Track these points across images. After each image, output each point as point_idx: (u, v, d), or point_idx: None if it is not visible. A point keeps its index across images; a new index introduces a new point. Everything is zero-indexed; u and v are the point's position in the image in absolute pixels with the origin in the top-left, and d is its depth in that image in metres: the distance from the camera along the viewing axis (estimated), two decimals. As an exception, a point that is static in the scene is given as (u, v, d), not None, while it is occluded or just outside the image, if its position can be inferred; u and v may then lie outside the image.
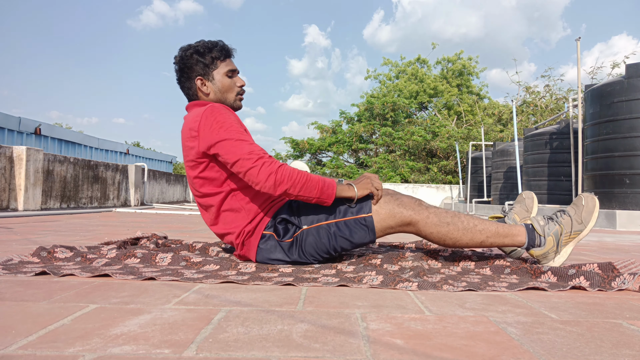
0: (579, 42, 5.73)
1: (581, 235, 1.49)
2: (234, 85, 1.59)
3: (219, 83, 1.57)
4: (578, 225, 1.49)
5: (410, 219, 1.47)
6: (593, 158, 5.09)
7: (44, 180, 5.50)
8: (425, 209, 1.48)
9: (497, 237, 1.48)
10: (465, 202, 10.43)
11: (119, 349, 0.72)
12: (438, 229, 1.46)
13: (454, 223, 1.47)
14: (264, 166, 1.38)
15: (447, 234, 1.46)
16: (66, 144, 11.60)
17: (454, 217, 1.48)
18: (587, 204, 1.51)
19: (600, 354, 0.74)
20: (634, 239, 3.25)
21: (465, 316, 0.95)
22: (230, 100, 1.59)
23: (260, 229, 1.51)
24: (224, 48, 1.58)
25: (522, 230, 1.49)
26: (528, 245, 1.49)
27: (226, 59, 1.59)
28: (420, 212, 1.47)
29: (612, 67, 14.19)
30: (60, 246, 1.63)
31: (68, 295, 1.07)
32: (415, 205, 1.49)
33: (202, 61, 1.54)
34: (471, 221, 1.48)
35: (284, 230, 1.52)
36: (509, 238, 1.48)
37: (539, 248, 1.48)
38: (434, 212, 1.48)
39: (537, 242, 1.48)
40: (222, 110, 1.46)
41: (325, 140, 17.75)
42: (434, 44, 22.41)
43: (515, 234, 1.49)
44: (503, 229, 1.49)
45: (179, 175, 10.77)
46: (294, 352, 0.72)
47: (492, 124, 16.77)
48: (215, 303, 1.02)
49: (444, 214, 1.48)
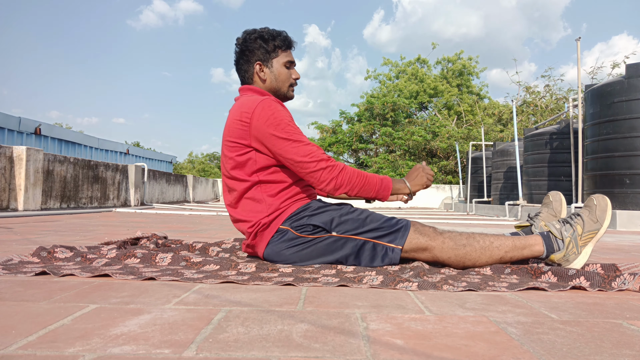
0: (579, 42, 5.73)
1: (599, 234, 1.49)
2: (290, 77, 1.64)
3: (277, 71, 1.60)
4: (594, 225, 1.49)
5: (427, 245, 1.47)
6: (593, 158, 5.09)
7: (44, 180, 5.50)
8: (440, 234, 1.49)
9: (516, 251, 1.48)
10: (465, 202, 10.43)
11: (119, 349, 0.72)
12: (455, 253, 1.47)
13: (470, 244, 1.47)
14: (326, 171, 1.47)
15: (465, 256, 1.47)
16: (66, 144, 11.60)
17: (469, 238, 1.48)
18: (599, 204, 1.52)
19: (601, 354, 0.74)
20: (634, 239, 3.25)
21: (466, 316, 0.95)
22: (284, 90, 1.63)
23: (277, 224, 1.52)
24: (286, 39, 1.62)
25: (538, 239, 1.49)
26: (547, 252, 1.48)
27: (287, 50, 1.63)
28: (435, 238, 1.48)
29: (612, 67, 14.20)
30: (60, 246, 1.63)
31: (68, 295, 1.07)
32: (431, 231, 1.50)
33: (265, 47, 1.58)
34: (487, 239, 1.48)
35: (307, 228, 1.50)
36: (527, 249, 1.48)
37: (558, 252, 1.47)
38: (449, 236, 1.48)
39: (556, 247, 1.48)
40: (278, 107, 1.50)
41: (325, 140, 17.75)
42: (434, 44, 22.41)
43: (533, 244, 1.48)
44: (520, 242, 1.49)
45: (179, 175, 10.77)
46: (294, 352, 0.72)
47: (492, 124, 16.77)
48: (215, 303, 1.02)
49: (458, 237, 1.49)
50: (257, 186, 1.52)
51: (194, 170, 28.49)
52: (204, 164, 30.12)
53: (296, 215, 1.52)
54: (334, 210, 1.55)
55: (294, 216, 1.52)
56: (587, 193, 5.25)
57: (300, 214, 1.52)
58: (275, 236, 1.51)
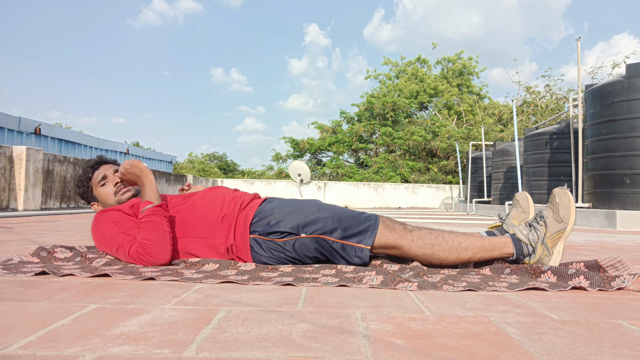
0: (579, 42, 5.73)
1: (566, 233, 1.48)
2: (110, 190, 1.71)
3: (100, 198, 1.72)
4: (559, 225, 1.48)
5: (395, 243, 1.49)
6: (593, 158, 5.09)
7: (44, 180, 5.50)
8: (409, 232, 1.49)
9: (484, 252, 1.48)
10: (465, 202, 10.43)
11: (119, 349, 0.72)
12: (423, 252, 1.48)
13: (438, 244, 1.48)
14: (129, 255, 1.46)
15: (433, 255, 1.48)
16: (66, 143, 11.59)
17: (437, 238, 1.49)
18: (561, 201, 1.50)
19: (601, 354, 0.74)
20: (634, 239, 3.25)
21: (465, 316, 0.95)
22: (112, 202, 1.70)
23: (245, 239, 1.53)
24: (88, 167, 1.76)
25: (508, 241, 1.49)
26: (517, 255, 1.48)
27: (93, 174, 1.73)
28: (404, 237, 1.48)
29: (613, 67, 14.21)
30: (60, 246, 1.62)
31: (68, 295, 1.07)
32: (400, 229, 1.50)
33: (84, 195, 1.76)
34: (456, 239, 1.49)
35: (276, 235, 1.51)
36: (497, 251, 1.49)
37: (531, 257, 1.48)
38: (418, 235, 1.49)
39: (526, 250, 1.48)
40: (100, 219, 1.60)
41: (325, 140, 17.76)
42: (434, 43, 22.42)
43: (502, 246, 1.49)
44: (489, 243, 1.49)
45: (179, 175, 10.77)
46: (294, 352, 0.72)
47: (493, 124, 16.77)
48: (215, 303, 1.02)
49: (427, 236, 1.49)
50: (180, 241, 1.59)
51: (193, 170, 28.49)
52: (203, 164, 30.12)
53: (256, 223, 1.54)
54: (299, 212, 1.54)
55: (255, 224, 1.53)
56: (587, 193, 5.25)
57: (261, 222, 1.53)
58: (252, 249, 1.52)
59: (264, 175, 20.02)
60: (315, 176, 17.17)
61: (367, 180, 15.29)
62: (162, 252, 1.44)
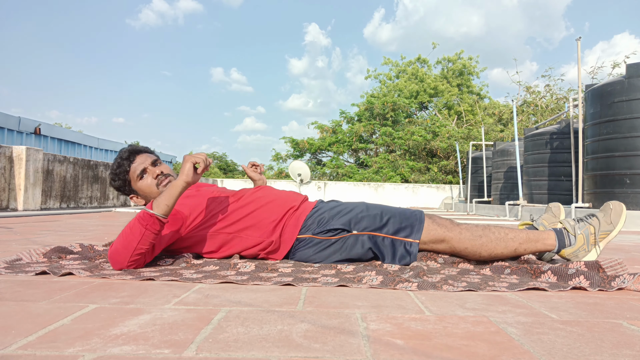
0: (579, 42, 5.73)
1: (610, 236, 1.53)
2: (151, 182, 1.67)
3: (140, 191, 1.68)
4: (607, 226, 1.54)
5: (444, 236, 1.53)
6: (593, 158, 5.09)
7: (44, 180, 5.50)
8: (457, 226, 1.55)
9: (529, 243, 1.53)
10: (466, 202, 10.43)
11: (119, 349, 0.72)
12: (472, 243, 1.52)
13: (486, 235, 1.52)
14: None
15: (482, 247, 1.52)
16: (66, 143, 11.59)
17: (485, 230, 1.54)
18: (615, 208, 1.57)
19: (601, 354, 0.74)
20: (634, 239, 3.25)
21: (466, 316, 0.95)
22: (155, 194, 1.66)
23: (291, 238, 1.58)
24: (122, 159, 1.67)
25: (551, 234, 1.55)
26: (559, 247, 1.53)
27: (130, 166, 1.67)
28: (452, 229, 1.54)
29: (613, 67, 14.20)
30: (71, 253, 1.61)
31: (68, 295, 1.07)
32: (448, 222, 1.56)
33: (120, 188, 1.70)
34: (502, 231, 1.54)
35: (329, 233, 1.56)
36: (540, 242, 1.53)
37: (569, 247, 1.53)
38: (466, 228, 1.54)
39: (567, 242, 1.53)
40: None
41: (325, 140, 17.75)
42: (435, 43, 22.40)
43: (546, 238, 1.54)
44: (533, 235, 1.54)
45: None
46: (294, 352, 0.72)
47: (493, 124, 16.77)
48: (215, 303, 1.02)
49: (474, 228, 1.54)
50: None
51: (194, 170, 28.44)
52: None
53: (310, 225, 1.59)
54: (350, 211, 1.60)
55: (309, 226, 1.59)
56: (587, 193, 5.25)
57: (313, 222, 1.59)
58: (297, 245, 1.58)
59: (264, 175, 20.00)
60: (315, 176, 17.17)
61: (367, 180, 15.29)
62: (112, 260, 1.34)
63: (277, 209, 1.60)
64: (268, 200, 1.63)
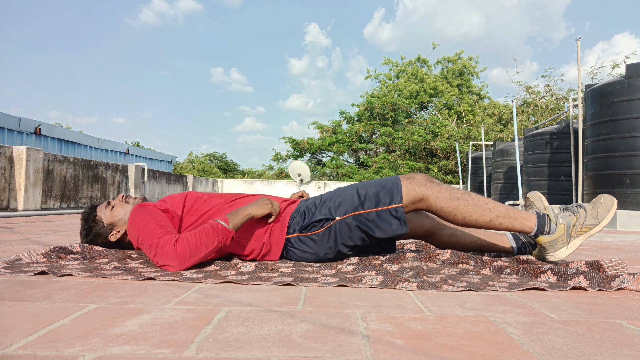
0: (579, 42, 5.73)
1: (593, 231, 1.48)
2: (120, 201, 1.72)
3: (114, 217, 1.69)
4: (592, 220, 1.48)
5: (423, 195, 1.51)
6: (593, 158, 5.09)
7: (44, 180, 5.50)
8: (437, 185, 1.53)
9: (506, 218, 1.49)
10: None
11: (119, 348, 0.72)
12: (449, 203, 1.49)
13: (464, 199, 1.50)
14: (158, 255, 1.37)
15: (457, 209, 1.49)
16: (66, 143, 11.59)
17: (464, 194, 1.52)
18: (605, 202, 1.51)
19: (600, 354, 0.74)
20: (634, 239, 3.25)
21: (465, 316, 0.95)
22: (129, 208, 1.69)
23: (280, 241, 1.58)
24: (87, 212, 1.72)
25: (532, 216, 1.50)
26: (537, 231, 1.48)
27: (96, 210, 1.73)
28: (432, 188, 1.51)
29: (613, 67, 14.21)
30: (71, 253, 1.62)
31: (68, 295, 1.07)
32: (427, 181, 1.53)
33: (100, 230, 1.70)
34: (481, 199, 1.51)
35: (312, 227, 1.56)
36: (518, 221, 1.49)
37: (547, 235, 1.48)
38: (446, 188, 1.52)
39: (547, 229, 1.48)
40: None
41: (325, 140, 17.76)
42: (435, 43, 22.43)
43: (525, 218, 1.49)
44: (513, 212, 1.50)
45: (179, 175, 10.77)
46: (294, 352, 0.72)
47: (492, 124, 16.78)
48: (215, 303, 1.02)
49: (454, 191, 1.52)
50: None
51: (194, 170, 28.50)
52: (204, 164, 30.13)
53: (293, 224, 1.59)
54: (327, 200, 1.60)
55: (292, 225, 1.59)
56: (587, 193, 5.25)
57: (297, 220, 1.59)
58: (287, 245, 1.59)
59: (264, 175, 20.02)
60: (315, 176, 17.17)
61: (367, 180, 15.29)
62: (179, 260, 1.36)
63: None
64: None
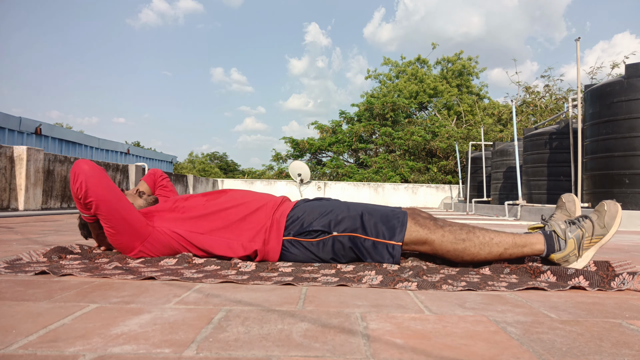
0: (578, 42, 5.74)
1: (604, 240, 1.46)
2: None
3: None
4: (600, 230, 1.47)
5: (426, 239, 1.48)
6: (593, 158, 5.09)
7: (45, 180, 5.50)
8: (440, 228, 1.48)
9: (516, 248, 1.47)
10: (465, 202, 10.43)
11: (120, 348, 0.72)
12: (454, 247, 1.46)
13: (469, 239, 1.46)
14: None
15: (464, 251, 1.47)
16: (67, 143, 11.59)
17: (469, 233, 1.48)
18: (609, 209, 1.49)
19: (600, 353, 0.74)
20: (634, 239, 3.25)
21: (465, 316, 0.96)
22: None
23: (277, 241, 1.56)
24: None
25: (540, 238, 1.48)
26: (547, 252, 1.47)
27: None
28: (435, 231, 1.47)
29: (612, 67, 14.20)
30: (71, 253, 1.61)
31: (68, 294, 1.07)
32: (431, 224, 1.49)
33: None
34: (487, 235, 1.48)
35: (307, 234, 1.55)
36: (528, 247, 1.47)
37: (559, 252, 1.46)
38: (449, 230, 1.48)
39: (557, 247, 1.46)
40: None
41: (325, 140, 17.75)
42: (434, 44, 22.41)
43: (534, 242, 1.47)
44: (520, 240, 1.48)
45: (179, 175, 10.77)
46: (294, 352, 0.72)
47: (492, 124, 16.77)
48: (215, 302, 1.02)
49: (458, 231, 1.48)
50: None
51: (194, 170, 28.50)
52: (204, 164, 30.14)
53: (290, 226, 1.56)
54: (330, 212, 1.57)
55: (289, 227, 1.56)
56: (586, 193, 5.25)
57: (295, 224, 1.56)
58: (287, 247, 1.56)
59: (264, 175, 20.01)
60: (315, 176, 17.17)
61: (367, 180, 15.30)
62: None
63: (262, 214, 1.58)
64: (239, 202, 1.60)
